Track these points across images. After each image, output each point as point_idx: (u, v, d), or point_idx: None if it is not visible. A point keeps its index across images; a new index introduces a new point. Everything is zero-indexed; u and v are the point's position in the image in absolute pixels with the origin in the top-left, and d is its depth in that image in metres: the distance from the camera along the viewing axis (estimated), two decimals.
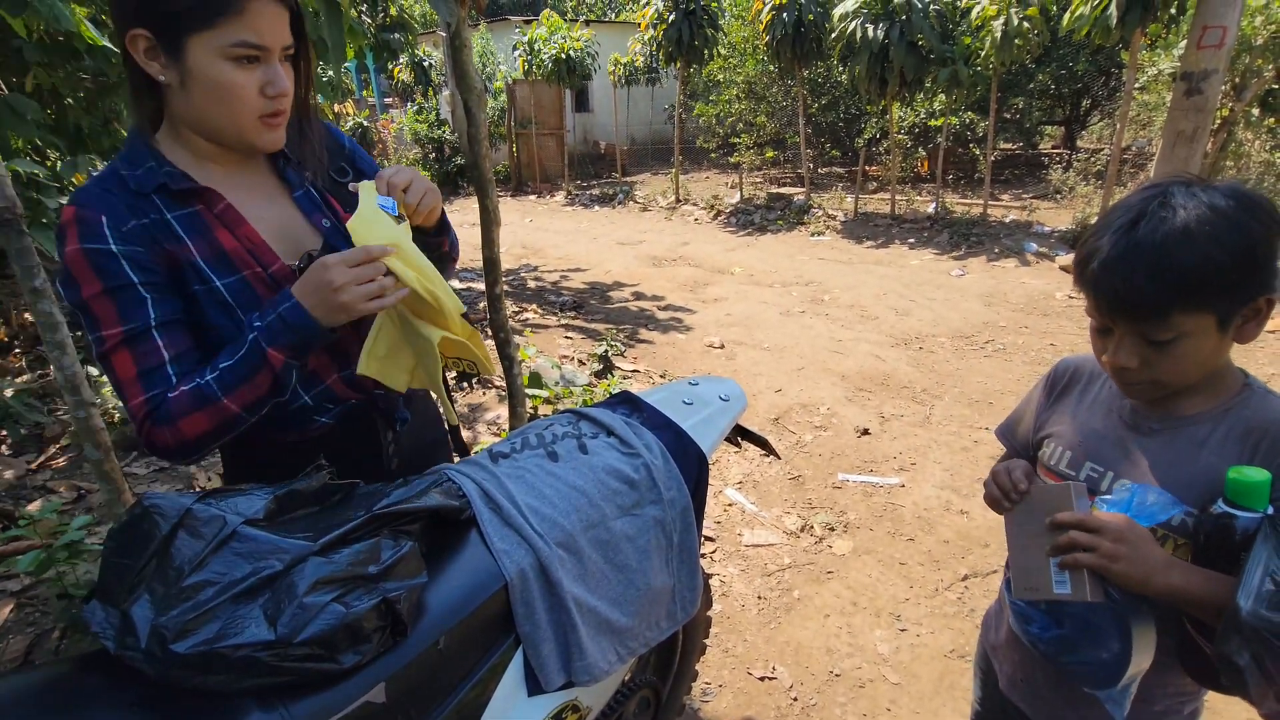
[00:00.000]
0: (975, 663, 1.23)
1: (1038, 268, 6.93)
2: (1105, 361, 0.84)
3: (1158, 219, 0.75)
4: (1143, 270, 0.75)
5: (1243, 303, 0.76)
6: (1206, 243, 0.72)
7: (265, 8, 0.84)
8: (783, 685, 1.99)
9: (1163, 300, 0.75)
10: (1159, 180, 0.80)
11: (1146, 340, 0.78)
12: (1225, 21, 5.07)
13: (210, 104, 0.87)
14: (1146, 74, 8.31)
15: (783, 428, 3.64)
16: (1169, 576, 0.77)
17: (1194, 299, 0.74)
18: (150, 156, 0.90)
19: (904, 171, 10.06)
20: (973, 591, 2.36)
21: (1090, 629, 0.81)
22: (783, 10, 8.69)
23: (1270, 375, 4.09)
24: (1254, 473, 0.74)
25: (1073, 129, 13.01)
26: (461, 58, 2.06)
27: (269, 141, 0.93)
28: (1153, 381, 0.82)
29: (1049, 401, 1.03)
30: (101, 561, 0.71)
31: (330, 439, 1.06)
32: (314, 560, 0.72)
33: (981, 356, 4.65)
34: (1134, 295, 0.76)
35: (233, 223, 0.94)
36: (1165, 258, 0.73)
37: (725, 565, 2.53)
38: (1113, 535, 0.78)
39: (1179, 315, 0.75)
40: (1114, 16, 6.09)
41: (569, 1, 24.79)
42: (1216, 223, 0.73)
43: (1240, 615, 0.68)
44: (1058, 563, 0.81)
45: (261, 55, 0.86)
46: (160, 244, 0.89)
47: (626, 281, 6.92)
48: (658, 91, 16.28)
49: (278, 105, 0.90)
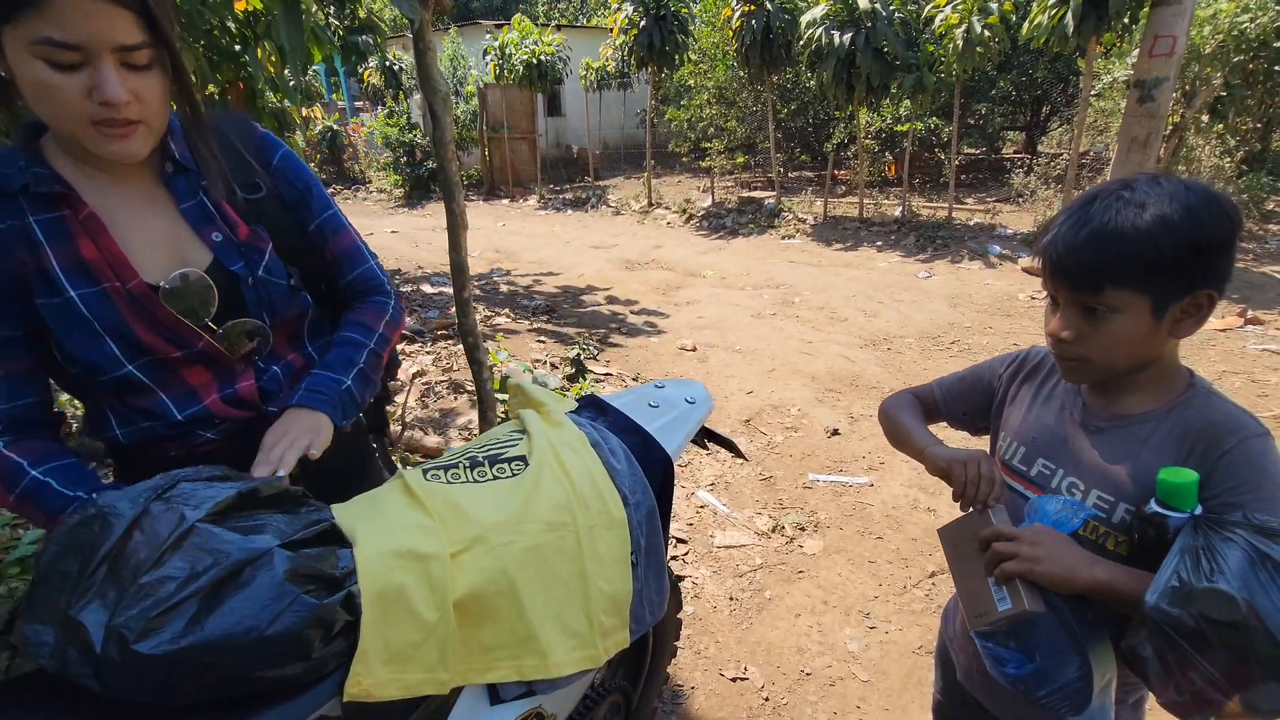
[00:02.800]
0: (935, 654, 1.26)
1: (1001, 269, 7.09)
2: (1047, 332, 0.87)
3: (1114, 197, 0.78)
4: (1086, 239, 0.78)
5: (1180, 293, 0.77)
6: (1153, 223, 0.75)
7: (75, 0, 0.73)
8: (754, 685, 2.01)
9: (1098, 268, 0.78)
10: (1127, 177, 0.83)
11: (1085, 312, 0.81)
12: (1175, 31, 5.26)
13: (36, 106, 0.79)
14: (1102, 81, 8.58)
15: (754, 429, 3.67)
16: (1093, 572, 0.80)
17: (1128, 274, 0.77)
18: (23, 156, 0.84)
19: (872, 176, 10.22)
20: (940, 588, 2.40)
21: (1056, 654, 0.83)
22: (751, 17, 8.79)
23: (1220, 373, 4.23)
24: (1183, 474, 0.76)
25: (1033, 134, 13.37)
26: (426, 60, 2.05)
27: (115, 153, 0.83)
28: (1083, 359, 0.84)
29: (1015, 380, 1.04)
30: (37, 570, 0.66)
31: (220, 455, 0.99)
32: (280, 553, 0.70)
33: (947, 357, 4.74)
34: (1074, 260, 0.79)
35: (94, 231, 0.87)
36: (1109, 229, 0.77)
37: (697, 567, 2.54)
38: (1029, 540, 0.82)
39: (1112, 288, 0.78)
40: (1070, 25, 6.28)
41: (540, 6, 24.76)
42: (1168, 209, 0.75)
43: (1145, 609, 0.71)
44: (993, 580, 0.84)
45: (82, 57, 0.76)
46: (13, 251, 0.83)
47: (599, 285, 6.92)
48: (629, 96, 16.33)
49: (109, 114, 0.79)
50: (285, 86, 2.92)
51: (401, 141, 13.81)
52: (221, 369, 0.99)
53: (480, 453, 1.07)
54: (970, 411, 1.12)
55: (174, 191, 0.95)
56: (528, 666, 0.91)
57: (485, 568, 0.88)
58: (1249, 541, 0.69)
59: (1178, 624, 0.69)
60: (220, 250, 0.96)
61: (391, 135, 13.83)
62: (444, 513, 0.91)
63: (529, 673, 0.91)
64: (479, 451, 1.07)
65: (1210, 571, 0.68)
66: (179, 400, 0.95)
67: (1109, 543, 0.85)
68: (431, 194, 13.68)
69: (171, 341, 0.93)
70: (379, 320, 1.15)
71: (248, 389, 1.01)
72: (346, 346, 1.10)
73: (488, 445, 1.10)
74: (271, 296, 1.00)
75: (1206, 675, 0.69)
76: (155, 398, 0.94)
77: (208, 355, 0.96)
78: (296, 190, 1.07)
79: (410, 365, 4.32)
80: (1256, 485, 0.76)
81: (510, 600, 0.90)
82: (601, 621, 1.00)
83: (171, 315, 0.91)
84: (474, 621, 0.87)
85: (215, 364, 0.98)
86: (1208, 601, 0.67)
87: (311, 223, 1.09)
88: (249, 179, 1.01)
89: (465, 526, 0.90)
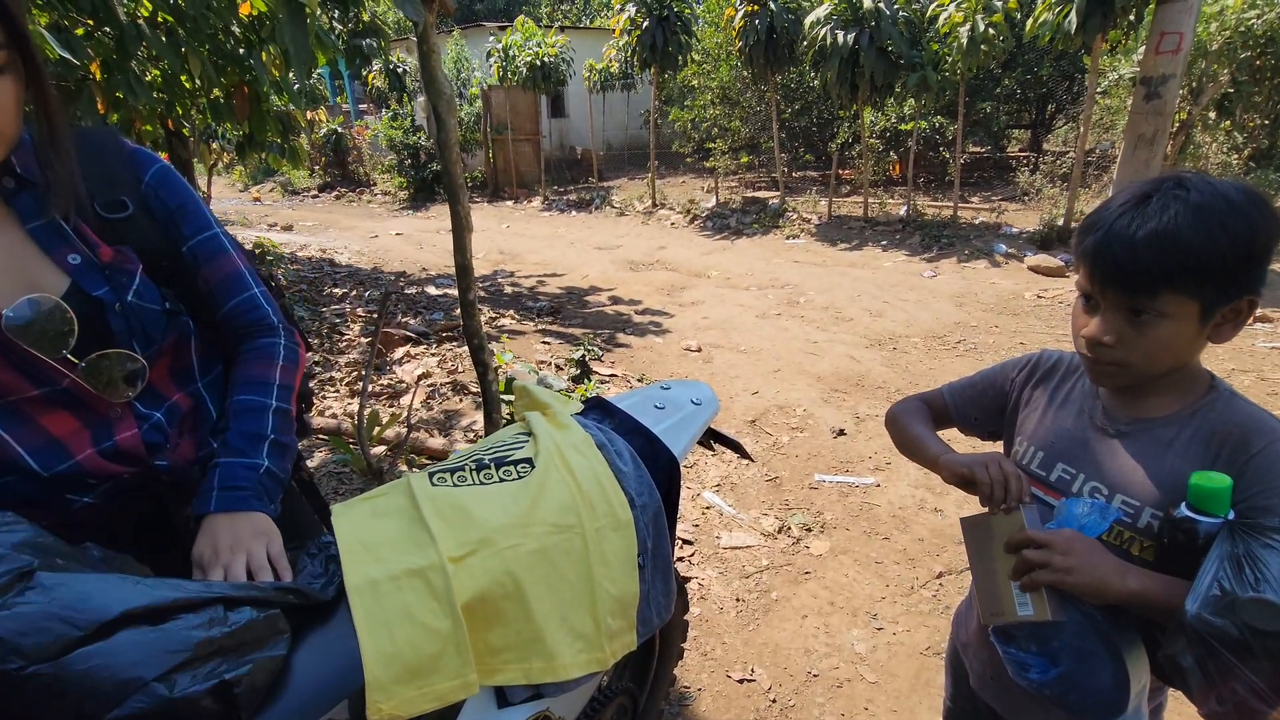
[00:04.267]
0: (946, 659, 1.24)
1: (1007, 268, 7.06)
2: (1083, 335, 0.84)
3: (1171, 196, 0.75)
4: (1146, 240, 0.74)
5: (1228, 298, 0.76)
6: (1214, 227, 0.73)
7: None
8: (761, 687, 2.00)
9: (1159, 273, 0.75)
10: (1169, 172, 0.81)
11: (1130, 316, 0.78)
12: (1181, 28, 5.24)
13: None
14: (1108, 79, 8.54)
15: (760, 429, 3.66)
16: (1125, 582, 0.78)
17: (1188, 280, 0.75)
18: None
19: (876, 175, 10.20)
20: (947, 589, 2.39)
21: (1084, 658, 0.81)
22: (755, 17, 8.78)
23: (1230, 371, 4.20)
24: (1216, 478, 0.74)
25: (1038, 132, 13.31)
26: (430, 63, 2.05)
27: None
28: (1122, 363, 0.81)
29: (1028, 384, 1.03)
30: None
31: (101, 522, 0.88)
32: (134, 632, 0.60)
33: (953, 356, 4.73)
34: (1132, 263, 0.76)
35: None
36: (1172, 232, 0.73)
37: (704, 568, 2.53)
38: (1061, 548, 0.79)
39: (1168, 293, 0.75)
40: (1075, 23, 6.25)
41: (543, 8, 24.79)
42: (1226, 211, 0.73)
43: (1185, 618, 0.70)
44: (1019, 585, 0.82)
45: None
46: None
47: (603, 286, 6.92)
48: (633, 97, 16.33)
49: None
50: (290, 90, 2.93)
51: (405, 144, 13.86)
52: (93, 416, 0.85)
53: (486, 455, 1.07)
54: (982, 416, 1.10)
55: (17, 209, 0.82)
56: (535, 669, 0.91)
57: (492, 570, 0.88)
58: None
59: (1221, 634, 0.67)
60: (79, 273, 0.83)
61: (395, 138, 13.89)
62: (450, 516, 0.91)
63: (536, 675, 0.91)
64: (485, 454, 1.07)
65: (1255, 580, 0.67)
66: (40, 453, 0.81)
67: (1134, 548, 0.84)
68: (435, 196, 13.71)
69: (27, 376, 0.80)
70: (271, 369, 0.99)
71: (129, 439, 0.88)
72: (246, 417, 0.95)
73: (494, 447, 1.10)
74: (144, 324, 0.88)
75: (1250, 685, 0.67)
76: (7, 450, 0.80)
77: (73, 397, 0.83)
78: (168, 208, 0.94)
79: (415, 367, 4.33)
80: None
81: (517, 603, 0.90)
82: (608, 624, 0.99)
83: (20, 347, 0.78)
84: (481, 624, 0.87)
85: (84, 409, 0.85)
86: (1252, 611, 0.66)
87: (184, 244, 0.95)
88: (113, 196, 0.89)
89: (472, 529, 0.90)
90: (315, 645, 0.75)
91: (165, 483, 0.93)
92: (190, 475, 0.95)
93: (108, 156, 0.91)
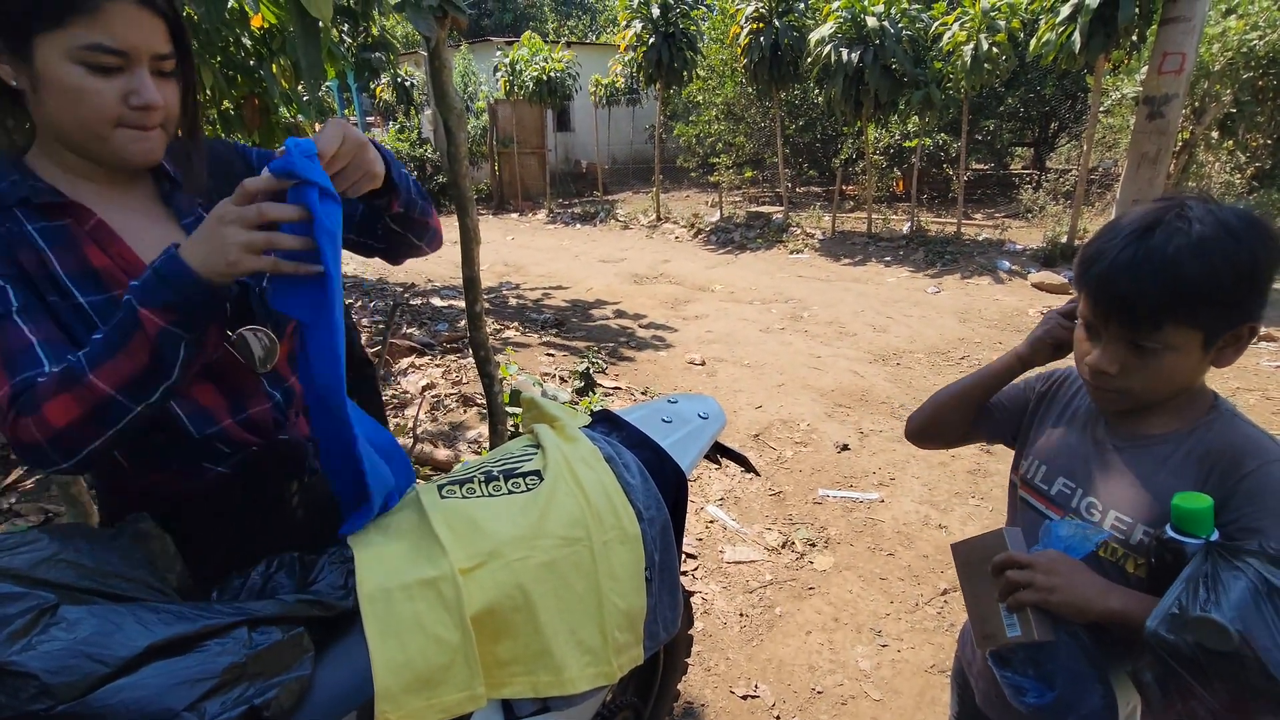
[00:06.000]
0: (952, 677, 1.24)
1: (1010, 285, 7.07)
2: (1087, 364, 0.84)
3: (1173, 229, 0.75)
4: (1151, 275, 0.75)
5: (1230, 325, 0.77)
6: (1218, 259, 0.73)
7: (124, 9, 0.77)
8: (765, 704, 1.99)
9: (1163, 308, 0.75)
10: (1170, 195, 0.82)
11: (1133, 347, 0.79)
12: (1184, 48, 5.27)
13: (63, 111, 0.80)
14: (1111, 98, 8.59)
15: (763, 444, 3.65)
16: (1108, 601, 0.78)
17: (1191, 312, 0.75)
18: (14, 170, 0.84)
19: (880, 191, 10.25)
20: (952, 606, 2.38)
21: (1077, 681, 0.82)
22: (760, 34, 8.87)
23: (1234, 390, 4.19)
24: (1197, 499, 0.74)
25: (1041, 150, 13.38)
26: (441, 78, 2.08)
27: (136, 153, 0.84)
28: (1124, 390, 0.82)
29: (1045, 397, 1.04)
30: None
31: (226, 492, 0.97)
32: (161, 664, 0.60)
33: (957, 372, 4.72)
34: (1137, 299, 0.76)
35: (105, 240, 0.87)
36: (1176, 266, 0.73)
37: (707, 583, 2.52)
38: (1044, 569, 0.80)
39: (1171, 326, 0.76)
40: (1078, 43, 6.30)
41: (550, 23, 25.06)
42: (1228, 241, 0.74)
43: (1145, 634, 0.70)
44: (1005, 606, 0.83)
45: (124, 62, 0.79)
46: (14, 252, 0.82)
47: (608, 299, 6.94)
48: (638, 112, 16.47)
49: (141, 119, 0.82)
50: (300, 102, 2.96)
51: (412, 156, 13.97)
52: (231, 388, 0.96)
53: (495, 467, 1.07)
54: (1003, 414, 1.09)
55: (174, 207, 0.95)
56: (542, 683, 0.91)
57: (501, 583, 0.88)
58: (1259, 572, 0.67)
59: (1175, 651, 0.68)
60: None
61: (403, 150, 13.99)
62: (459, 528, 0.91)
63: (544, 689, 0.91)
64: (494, 466, 1.07)
65: (1206, 601, 0.67)
66: (193, 417, 0.92)
67: (1129, 565, 0.84)
68: (441, 207, 13.78)
69: None
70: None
71: (261, 412, 0.98)
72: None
73: (502, 459, 1.10)
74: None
75: (1208, 706, 0.67)
76: (168, 411, 0.90)
77: (219, 370, 0.93)
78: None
79: (420, 379, 4.34)
80: (1277, 511, 0.75)
81: (526, 616, 0.90)
82: (616, 638, 0.99)
83: None
84: (490, 637, 0.87)
85: (225, 381, 0.95)
86: (1201, 630, 0.66)
87: None
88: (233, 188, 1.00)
89: (480, 541, 0.90)
90: (328, 655, 0.75)
91: (283, 455, 1.02)
92: (305, 450, 1.05)
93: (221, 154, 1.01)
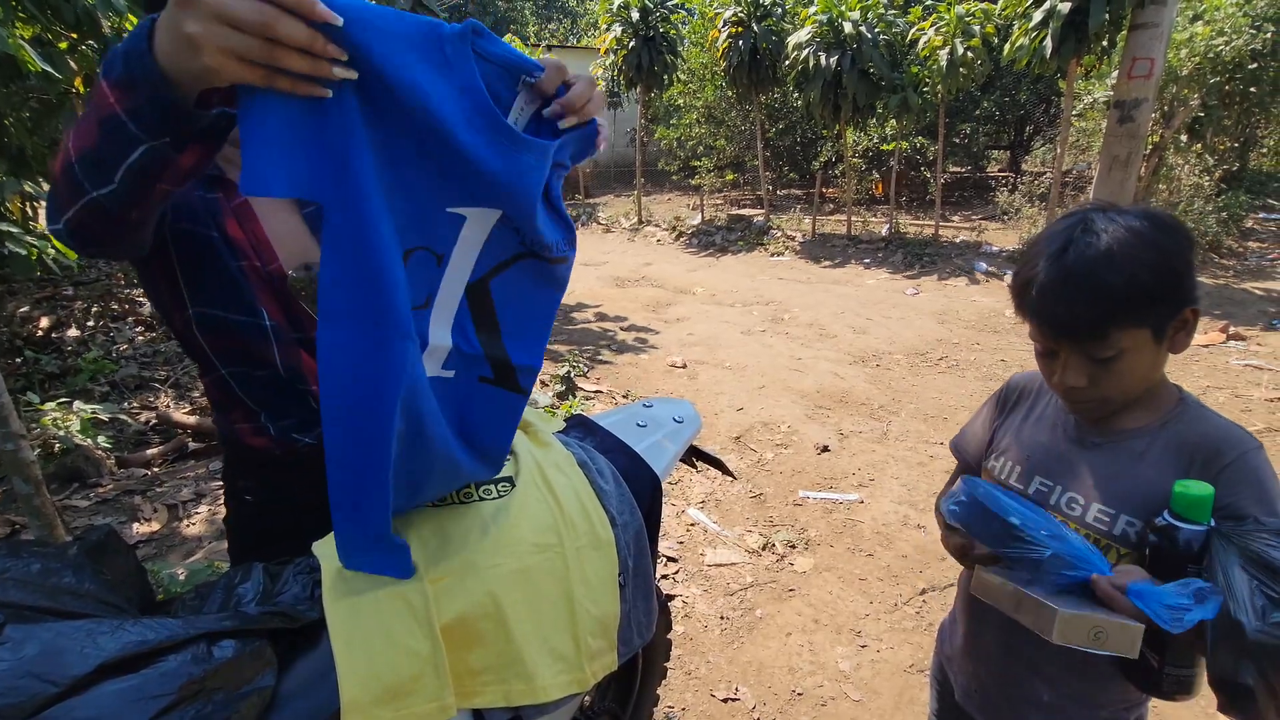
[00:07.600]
0: (931, 674, 1.25)
1: (987, 286, 7.17)
2: (1055, 384, 0.87)
3: (1083, 244, 0.79)
4: (1078, 294, 0.79)
5: (1171, 315, 0.81)
6: (1129, 262, 0.77)
7: None
8: (745, 706, 1.99)
9: (1101, 320, 0.79)
10: (1076, 208, 0.85)
11: (1091, 359, 0.82)
12: (1153, 54, 5.39)
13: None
14: (1083, 102, 8.75)
15: (744, 446, 3.66)
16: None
17: (1128, 315, 0.79)
18: None
19: (859, 194, 10.35)
20: (931, 605, 2.40)
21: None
22: (739, 38, 8.93)
23: (1205, 388, 4.28)
24: (1199, 487, 0.77)
25: (1017, 153, 13.60)
26: None
27: None
28: (1101, 399, 0.86)
29: (1000, 416, 1.06)
30: None
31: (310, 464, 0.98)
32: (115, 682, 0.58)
33: (936, 373, 4.78)
34: (1074, 319, 0.80)
35: (244, 217, 0.97)
36: (1096, 280, 0.78)
37: (688, 586, 2.52)
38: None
39: (1116, 332, 0.79)
40: (1050, 48, 6.41)
41: (531, 26, 25.03)
42: (1134, 243, 0.78)
43: (1246, 635, 0.69)
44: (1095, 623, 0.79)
45: None
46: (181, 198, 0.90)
47: (589, 302, 6.93)
48: (619, 115, 16.48)
49: None
50: None
51: None
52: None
53: None
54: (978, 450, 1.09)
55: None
56: (515, 691, 0.90)
57: (472, 591, 0.87)
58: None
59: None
60: None
61: None
62: (429, 536, 0.90)
63: (516, 697, 0.90)
64: None
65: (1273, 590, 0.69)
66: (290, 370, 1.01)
67: (1110, 555, 0.86)
68: None
69: (291, 322, 1.01)
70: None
71: None
72: None
73: None
74: None
75: None
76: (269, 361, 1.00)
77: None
78: None
79: None
80: (1259, 497, 0.79)
81: (497, 624, 0.89)
82: (588, 644, 0.98)
83: (295, 300, 1.00)
84: (460, 645, 0.86)
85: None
86: None
87: None
88: None
89: (451, 550, 0.89)
90: (294, 668, 0.74)
91: None
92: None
93: None
